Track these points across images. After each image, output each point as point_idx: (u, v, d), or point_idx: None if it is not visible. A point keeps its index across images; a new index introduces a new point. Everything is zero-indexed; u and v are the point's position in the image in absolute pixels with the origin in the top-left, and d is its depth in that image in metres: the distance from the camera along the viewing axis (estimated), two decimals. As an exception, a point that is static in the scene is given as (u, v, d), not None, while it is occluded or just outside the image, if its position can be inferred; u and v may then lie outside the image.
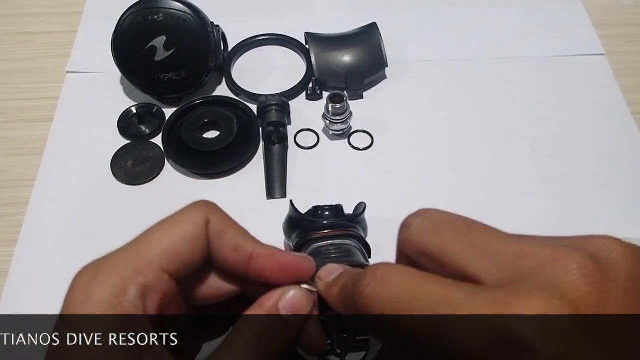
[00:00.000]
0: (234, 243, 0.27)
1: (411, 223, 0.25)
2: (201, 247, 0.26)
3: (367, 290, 0.23)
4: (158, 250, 0.25)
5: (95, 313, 0.23)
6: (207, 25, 0.61)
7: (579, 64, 0.69)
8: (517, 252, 0.21)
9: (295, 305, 0.27)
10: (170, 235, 0.26)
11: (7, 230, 0.56)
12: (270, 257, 0.28)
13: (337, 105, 0.59)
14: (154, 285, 0.25)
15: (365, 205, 0.50)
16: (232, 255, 0.27)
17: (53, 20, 0.75)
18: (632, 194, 0.58)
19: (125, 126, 0.63)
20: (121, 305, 0.23)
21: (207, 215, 0.27)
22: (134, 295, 0.24)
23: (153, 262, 0.25)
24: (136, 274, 0.24)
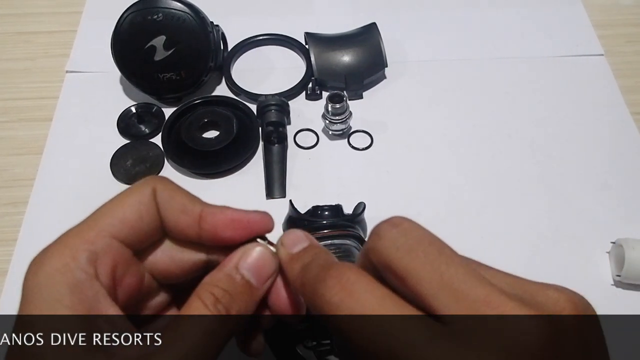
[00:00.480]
0: (182, 205, 0.27)
1: (384, 234, 0.24)
2: (149, 212, 0.27)
3: (327, 294, 0.23)
4: (106, 219, 0.26)
5: (46, 281, 0.24)
6: (206, 25, 0.61)
7: (578, 64, 0.69)
8: (483, 299, 0.21)
9: (258, 264, 0.27)
10: (117, 206, 0.26)
11: (7, 230, 0.56)
12: (220, 212, 0.27)
13: (337, 105, 0.59)
14: (103, 251, 0.25)
15: (364, 205, 0.50)
16: (182, 218, 0.27)
17: (52, 20, 0.75)
18: (632, 194, 0.58)
19: (125, 126, 0.63)
20: (71, 272, 0.24)
21: (153, 186, 0.27)
22: (83, 261, 0.24)
23: (101, 231, 0.25)
24: (84, 243, 0.25)
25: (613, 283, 0.52)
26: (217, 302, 0.25)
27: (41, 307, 0.24)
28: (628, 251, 0.49)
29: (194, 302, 0.25)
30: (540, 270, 0.52)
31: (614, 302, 0.51)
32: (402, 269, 0.22)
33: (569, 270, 0.53)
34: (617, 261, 0.51)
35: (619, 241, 0.51)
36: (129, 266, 0.27)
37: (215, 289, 0.25)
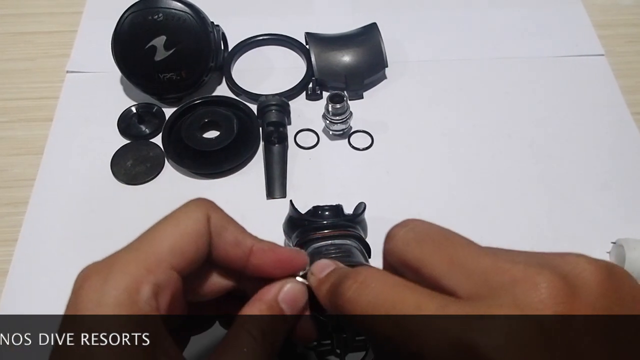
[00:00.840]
0: (235, 238, 0.28)
1: (395, 233, 0.26)
2: (205, 243, 0.27)
3: (347, 293, 0.24)
4: (166, 248, 0.25)
5: (110, 314, 0.22)
6: (207, 25, 0.61)
7: (578, 64, 0.69)
8: (491, 268, 0.22)
9: (294, 298, 0.28)
10: (177, 233, 0.26)
11: (7, 230, 0.56)
12: (269, 251, 0.29)
13: (337, 105, 0.59)
14: (164, 284, 0.25)
15: (365, 205, 0.50)
16: (233, 251, 0.28)
17: (53, 20, 0.75)
18: (632, 194, 0.58)
19: (125, 126, 0.63)
20: (136, 305, 0.23)
21: (207, 212, 0.27)
22: (148, 294, 0.24)
23: (162, 261, 0.25)
24: (147, 273, 0.24)
25: (613, 283, 0.52)
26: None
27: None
28: (628, 251, 0.49)
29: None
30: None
31: (614, 302, 0.51)
32: (414, 261, 0.24)
33: (569, 270, 0.53)
34: (617, 261, 0.51)
35: (619, 241, 0.51)
36: (181, 295, 0.27)
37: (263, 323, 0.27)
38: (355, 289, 0.24)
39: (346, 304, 0.24)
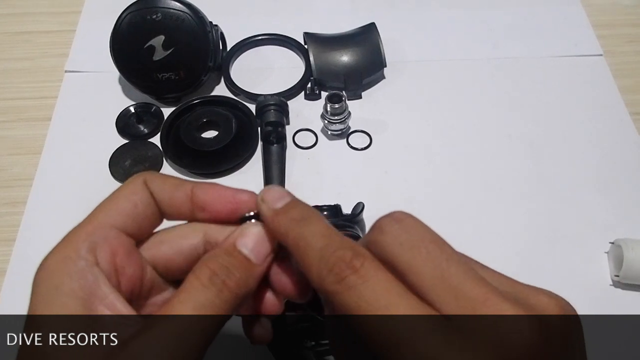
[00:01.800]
0: (173, 184, 0.28)
1: (387, 229, 0.24)
2: (143, 200, 0.28)
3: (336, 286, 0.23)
4: (102, 212, 0.27)
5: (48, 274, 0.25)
6: (205, 24, 0.61)
7: (577, 64, 0.69)
8: (482, 299, 0.22)
9: (256, 241, 0.27)
10: (112, 200, 0.28)
11: (6, 230, 0.56)
12: (209, 188, 0.28)
13: (336, 105, 0.59)
14: (102, 239, 0.26)
15: (363, 205, 0.50)
16: (176, 196, 0.28)
17: (51, 20, 0.75)
18: (631, 194, 0.58)
19: (124, 125, 0.63)
20: (72, 262, 0.25)
21: (143, 178, 0.28)
22: (84, 251, 0.25)
23: (99, 222, 0.27)
24: (84, 234, 0.26)
25: (612, 283, 0.52)
26: (214, 274, 0.25)
27: (42, 299, 0.24)
28: (627, 251, 0.49)
29: (189, 278, 0.25)
30: (539, 270, 0.52)
31: (613, 302, 0.51)
32: (404, 265, 0.23)
33: (567, 270, 0.53)
34: (615, 261, 0.51)
35: (617, 241, 0.51)
36: (130, 255, 0.27)
37: (211, 262, 0.26)
38: (351, 280, 0.23)
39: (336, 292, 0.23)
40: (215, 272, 0.25)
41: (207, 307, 0.24)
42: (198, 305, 0.24)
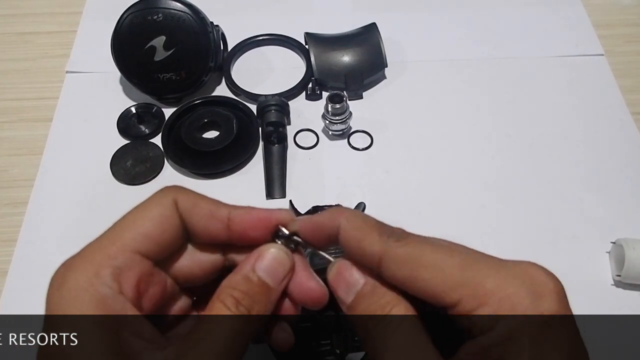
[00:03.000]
0: (208, 211, 0.28)
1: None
2: (173, 225, 0.27)
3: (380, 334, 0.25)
4: (128, 233, 0.26)
5: (70, 297, 0.24)
6: (206, 25, 0.61)
7: (578, 64, 0.69)
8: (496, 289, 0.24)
9: (273, 265, 0.28)
10: (139, 219, 0.27)
11: (7, 230, 0.56)
12: (247, 214, 0.28)
13: (337, 105, 0.59)
14: (126, 267, 0.26)
15: (364, 205, 0.50)
16: (211, 224, 0.28)
17: (52, 21, 0.75)
18: (632, 194, 0.58)
19: (125, 126, 0.63)
20: (94, 288, 0.24)
21: (174, 196, 0.28)
22: (107, 277, 0.25)
23: (124, 245, 0.26)
24: (107, 258, 0.25)
25: (613, 283, 0.52)
26: (239, 303, 0.26)
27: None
28: (628, 251, 0.49)
29: (215, 304, 0.26)
30: (540, 270, 0.52)
31: (614, 302, 0.51)
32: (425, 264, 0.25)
33: (569, 270, 0.53)
34: (617, 261, 0.51)
35: (619, 241, 0.51)
36: (152, 277, 0.27)
37: (235, 291, 0.26)
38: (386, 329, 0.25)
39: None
40: (239, 301, 0.26)
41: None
42: (231, 334, 0.25)
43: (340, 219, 0.27)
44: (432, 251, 0.25)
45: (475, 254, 0.26)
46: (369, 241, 0.26)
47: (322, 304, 0.29)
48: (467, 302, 0.24)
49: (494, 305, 0.24)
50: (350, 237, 0.27)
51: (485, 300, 0.24)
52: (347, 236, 0.27)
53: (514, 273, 0.25)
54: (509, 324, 0.23)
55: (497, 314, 0.23)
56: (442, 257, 0.25)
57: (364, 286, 0.27)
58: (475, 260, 0.25)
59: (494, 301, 0.24)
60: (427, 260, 0.25)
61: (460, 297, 0.24)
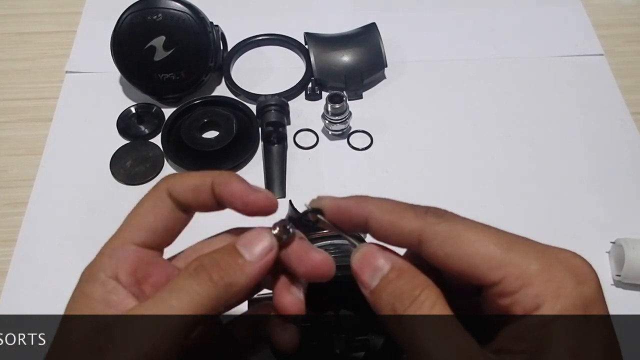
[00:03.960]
0: (194, 186, 0.29)
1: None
2: (165, 212, 0.29)
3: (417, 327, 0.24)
4: (127, 227, 0.29)
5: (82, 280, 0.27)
6: (206, 25, 0.61)
7: (578, 64, 0.69)
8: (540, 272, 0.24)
9: (253, 240, 0.27)
10: (135, 213, 0.29)
11: (6, 230, 0.56)
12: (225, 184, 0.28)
13: (337, 105, 0.59)
14: (122, 257, 0.28)
15: (364, 205, 0.50)
16: (200, 197, 0.28)
17: (52, 21, 0.75)
18: (632, 194, 0.58)
19: (125, 126, 0.63)
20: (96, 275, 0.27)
21: (166, 186, 0.29)
22: (107, 267, 0.27)
23: (123, 240, 0.28)
24: (110, 251, 0.28)
25: (613, 283, 0.52)
26: (200, 265, 0.26)
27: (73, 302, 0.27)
28: (628, 251, 0.49)
29: (180, 273, 0.26)
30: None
31: (614, 302, 0.50)
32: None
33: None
34: (617, 261, 0.51)
35: (618, 241, 0.51)
36: (153, 265, 0.29)
37: (203, 257, 0.26)
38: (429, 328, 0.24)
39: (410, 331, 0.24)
40: (203, 265, 0.26)
41: (188, 293, 0.25)
42: (180, 292, 0.25)
43: (369, 206, 0.28)
44: (474, 228, 0.26)
45: (517, 236, 0.26)
46: (406, 221, 0.27)
47: (330, 272, 0.28)
48: (510, 282, 0.24)
49: (539, 287, 0.24)
50: (384, 221, 0.28)
51: (531, 281, 0.24)
52: (380, 220, 0.28)
53: (558, 258, 0.25)
54: (554, 306, 0.23)
55: (543, 295, 0.23)
56: (485, 235, 0.26)
57: (391, 271, 0.27)
58: (519, 241, 0.26)
59: (539, 282, 0.24)
60: (470, 237, 0.26)
61: (505, 276, 0.24)
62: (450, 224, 0.26)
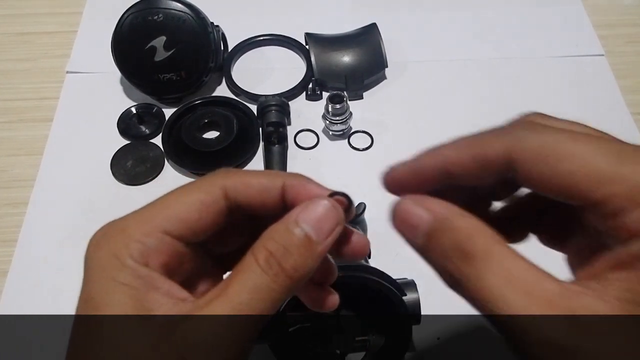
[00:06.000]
0: (262, 189, 0.26)
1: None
2: (214, 211, 0.26)
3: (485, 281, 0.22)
4: (164, 213, 0.25)
5: (103, 262, 0.24)
6: (207, 25, 0.61)
7: (578, 64, 0.69)
8: None
9: (320, 218, 0.25)
10: (179, 202, 0.26)
11: (7, 230, 0.56)
12: (301, 188, 0.27)
13: (337, 105, 0.59)
14: (155, 248, 0.25)
15: (365, 206, 0.50)
16: (265, 199, 0.26)
17: (53, 21, 0.75)
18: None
19: (125, 126, 0.63)
20: (123, 259, 0.24)
21: (222, 182, 0.26)
22: (135, 254, 0.24)
23: (156, 226, 0.25)
24: (139, 235, 0.25)
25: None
26: (271, 256, 0.23)
27: (100, 288, 0.24)
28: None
29: (246, 258, 0.24)
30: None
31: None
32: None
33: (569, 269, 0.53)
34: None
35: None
36: (184, 257, 0.26)
37: (269, 242, 0.24)
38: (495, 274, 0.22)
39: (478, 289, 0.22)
40: (273, 254, 0.23)
41: (263, 290, 0.23)
42: (254, 289, 0.23)
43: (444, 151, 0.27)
44: (573, 138, 0.23)
45: (628, 144, 0.23)
46: (489, 146, 0.25)
47: (366, 253, 0.28)
48: (618, 201, 0.21)
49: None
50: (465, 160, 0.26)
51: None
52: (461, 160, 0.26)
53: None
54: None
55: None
56: (588, 147, 0.22)
57: (435, 222, 0.24)
58: (630, 150, 0.23)
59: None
60: (569, 149, 0.22)
61: (612, 194, 0.21)
62: (543, 135, 0.23)
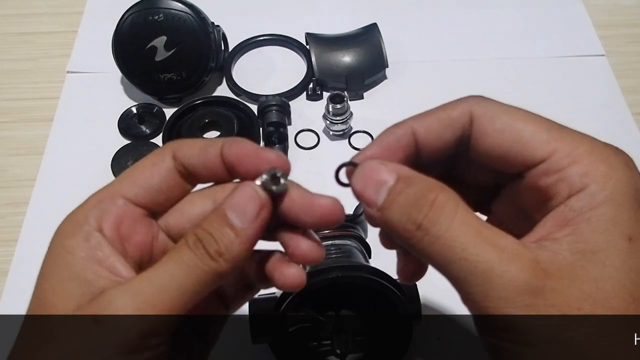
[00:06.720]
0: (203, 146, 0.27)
1: None
2: (163, 172, 0.27)
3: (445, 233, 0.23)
4: (118, 181, 0.28)
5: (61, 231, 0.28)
6: (207, 25, 0.61)
7: (579, 64, 0.69)
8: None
9: (240, 203, 0.25)
10: (132, 170, 0.28)
11: (7, 230, 0.56)
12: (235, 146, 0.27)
13: (338, 105, 0.59)
14: (108, 209, 0.27)
15: (365, 206, 0.50)
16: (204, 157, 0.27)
17: (53, 20, 0.75)
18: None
19: (126, 126, 0.63)
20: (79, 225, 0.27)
21: (172, 149, 0.28)
22: (91, 218, 0.27)
23: (111, 192, 0.27)
24: (96, 202, 0.28)
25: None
26: (198, 241, 0.24)
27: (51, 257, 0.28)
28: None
29: (180, 242, 0.25)
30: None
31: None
32: None
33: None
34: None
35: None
36: (138, 224, 0.27)
37: (198, 229, 0.25)
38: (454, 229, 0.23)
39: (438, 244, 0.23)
40: (199, 238, 0.25)
41: (189, 267, 0.24)
42: (183, 266, 0.24)
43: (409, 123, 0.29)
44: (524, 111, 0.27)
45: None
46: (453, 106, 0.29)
47: (341, 216, 0.27)
48: (559, 158, 0.24)
49: (589, 166, 0.23)
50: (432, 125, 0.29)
51: (581, 159, 0.23)
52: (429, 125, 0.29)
53: (604, 144, 0.25)
54: (604, 186, 0.22)
55: (592, 174, 0.23)
56: (536, 116, 0.26)
57: (398, 181, 0.25)
58: (569, 128, 0.26)
59: (589, 161, 0.23)
60: (521, 114, 0.26)
61: (554, 151, 0.24)
62: (501, 104, 0.27)
